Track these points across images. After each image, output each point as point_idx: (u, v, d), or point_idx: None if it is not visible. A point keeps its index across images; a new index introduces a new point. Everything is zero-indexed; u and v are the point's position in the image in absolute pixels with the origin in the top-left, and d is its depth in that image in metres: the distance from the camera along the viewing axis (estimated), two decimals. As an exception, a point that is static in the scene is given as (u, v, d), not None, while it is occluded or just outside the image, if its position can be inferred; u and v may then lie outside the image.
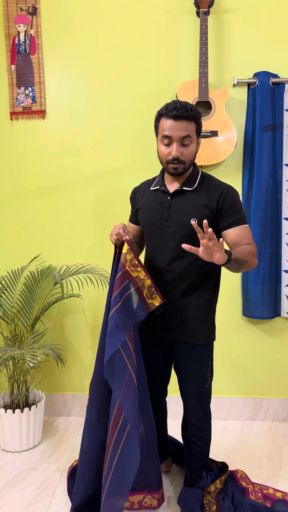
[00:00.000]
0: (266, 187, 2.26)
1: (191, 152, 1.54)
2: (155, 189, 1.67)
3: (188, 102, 1.52)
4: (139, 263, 1.51)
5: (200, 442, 1.70)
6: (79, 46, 2.36)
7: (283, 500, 1.75)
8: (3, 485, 1.90)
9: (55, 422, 2.47)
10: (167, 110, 1.50)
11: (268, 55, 2.30)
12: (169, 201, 1.60)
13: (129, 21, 2.33)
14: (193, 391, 1.67)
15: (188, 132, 1.50)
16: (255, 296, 2.32)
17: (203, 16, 2.18)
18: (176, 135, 1.49)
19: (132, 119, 2.37)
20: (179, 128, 1.48)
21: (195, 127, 1.53)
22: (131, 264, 1.50)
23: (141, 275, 1.51)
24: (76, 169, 2.43)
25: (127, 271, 1.50)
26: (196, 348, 1.64)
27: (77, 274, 2.24)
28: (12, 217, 2.47)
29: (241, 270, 1.49)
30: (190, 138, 1.51)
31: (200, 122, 1.56)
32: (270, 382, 2.47)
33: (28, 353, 1.92)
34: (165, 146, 1.53)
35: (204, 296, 1.62)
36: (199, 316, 1.62)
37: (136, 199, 1.75)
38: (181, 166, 1.54)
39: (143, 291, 1.51)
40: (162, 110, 1.53)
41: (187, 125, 1.49)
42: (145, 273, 1.51)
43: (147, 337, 1.71)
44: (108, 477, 1.50)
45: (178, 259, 1.58)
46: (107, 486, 1.50)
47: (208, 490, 1.70)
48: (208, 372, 1.67)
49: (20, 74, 2.38)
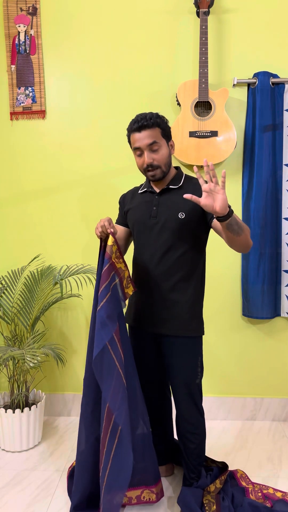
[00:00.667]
0: (266, 187, 2.26)
1: (162, 155, 1.62)
2: (143, 191, 1.76)
3: (149, 112, 1.62)
4: (121, 255, 1.59)
5: (195, 438, 1.71)
6: (79, 46, 2.37)
7: (283, 500, 1.75)
8: (3, 485, 1.90)
9: (55, 422, 2.47)
10: (130, 125, 1.62)
11: (268, 55, 2.30)
12: (157, 200, 1.68)
13: (129, 21, 2.33)
14: (184, 386, 1.68)
15: (153, 139, 1.59)
16: (255, 296, 2.32)
17: (203, 16, 2.18)
18: (143, 144, 1.59)
19: (132, 119, 2.37)
20: (144, 137, 1.58)
21: (160, 131, 1.61)
22: (115, 256, 1.56)
23: (122, 266, 1.59)
24: (76, 169, 2.43)
25: (113, 262, 1.56)
26: (186, 342, 1.66)
27: (77, 274, 2.24)
28: (12, 217, 2.47)
29: (240, 239, 1.49)
30: (157, 143, 1.59)
31: (165, 125, 1.64)
32: (270, 382, 2.47)
33: (28, 353, 1.92)
34: (139, 157, 1.64)
35: (192, 289, 1.66)
36: (188, 309, 1.65)
37: (124, 202, 1.83)
38: (157, 171, 1.63)
39: (123, 281, 1.60)
40: (128, 127, 1.64)
41: (150, 132, 1.58)
42: (125, 265, 1.60)
43: (139, 334, 1.74)
44: (106, 472, 1.51)
45: (167, 254, 1.64)
46: (105, 481, 1.51)
47: (208, 490, 1.70)
48: (198, 367, 1.69)
49: (20, 74, 2.39)
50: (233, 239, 1.49)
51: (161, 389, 1.87)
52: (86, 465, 1.65)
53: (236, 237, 1.48)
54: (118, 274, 1.58)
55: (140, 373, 1.72)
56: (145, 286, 1.68)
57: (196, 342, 1.69)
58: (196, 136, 2.21)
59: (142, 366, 1.75)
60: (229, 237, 1.49)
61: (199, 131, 2.22)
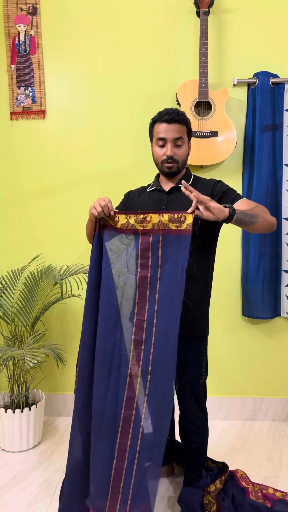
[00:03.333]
0: (266, 187, 2.26)
1: (183, 152, 1.64)
2: (151, 190, 1.74)
3: (177, 109, 1.63)
4: (141, 212, 1.46)
5: (197, 438, 1.71)
6: (79, 46, 2.36)
7: (283, 500, 1.75)
8: (3, 485, 1.90)
9: (55, 422, 2.47)
10: (160, 115, 1.62)
11: (268, 55, 2.30)
12: (165, 198, 1.67)
13: (129, 21, 2.33)
14: (187, 386, 1.68)
15: (180, 134, 1.61)
16: (255, 296, 2.32)
17: (203, 16, 2.18)
18: (170, 136, 1.60)
19: (132, 119, 2.38)
20: (172, 130, 1.60)
21: (186, 130, 1.64)
22: (140, 222, 1.45)
23: (153, 217, 1.45)
24: (76, 169, 2.43)
25: (153, 228, 1.44)
26: (191, 341, 1.65)
27: (77, 274, 2.24)
28: (12, 217, 2.47)
29: (258, 225, 1.47)
30: (182, 139, 1.62)
31: (190, 127, 1.67)
32: (270, 382, 2.47)
33: (28, 353, 1.92)
34: (160, 148, 1.63)
35: (199, 289, 1.65)
36: (195, 308, 1.64)
37: (129, 198, 1.81)
38: (175, 165, 1.63)
39: (166, 223, 1.45)
40: (156, 117, 1.65)
41: (179, 127, 1.61)
42: (137, 212, 1.47)
43: None
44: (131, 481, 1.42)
45: None
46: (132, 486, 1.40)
47: (208, 490, 1.70)
48: (202, 368, 1.69)
49: (20, 74, 2.38)
50: (252, 228, 1.49)
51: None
52: (76, 458, 1.56)
53: (253, 226, 1.47)
54: (157, 230, 1.45)
55: None
56: None
57: (201, 342, 1.69)
58: (196, 136, 2.21)
59: None
60: (247, 229, 1.49)
61: (199, 131, 2.22)
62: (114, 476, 1.46)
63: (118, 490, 1.45)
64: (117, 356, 1.50)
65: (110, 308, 1.52)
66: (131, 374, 1.48)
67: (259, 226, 1.49)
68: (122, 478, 1.45)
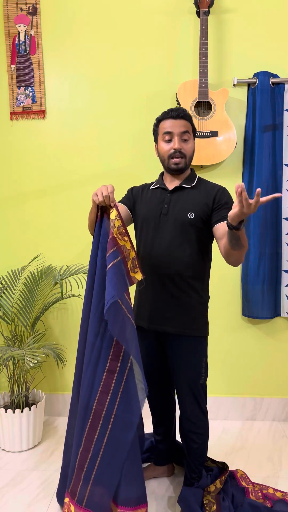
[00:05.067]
0: (266, 187, 2.26)
1: (190, 148, 1.66)
2: (155, 187, 1.74)
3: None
4: (126, 232, 1.47)
5: (198, 438, 1.71)
6: (79, 46, 2.36)
7: (283, 500, 1.75)
8: (3, 485, 1.90)
9: (55, 422, 2.47)
10: (165, 113, 1.64)
11: (268, 55, 2.30)
12: (169, 197, 1.67)
13: (129, 21, 2.33)
14: (187, 386, 1.68)
15: (187, 128, 1.63)
16: (255, 296, 2.32)
17: (203, 16, 2.18)
18: (177, 130, 1.61)
19: (132, 119, 2.38)
20: (178, 125, 1.61)
21: (191, 127, 1.66)
22: (118, 231, 1.44)
23: (127, 245, 1.47)
24: (76, 169, 2.43)
25: (115, 237, 1.43)
26: (191, 341, 1.66)
27: (77, 274, 2.24)
28: (12, 217, 2.47)
29: (239, 248, 1.44)
30: (188, 134, 1.63)
31: (194, 126, 1.69)
32: (270, 382, 2.47)
33: (28, 353, 1.92)
34: (166, 143, 1.64)
35: (198, 289, 1.66)
36: (194, 308, 1.65)
37: (133, 194, 1.80)
38: (182, 161, 1.63)
39: (127, 262, 1.47)
40: (161, 116, 1.66)
41: (185, 123, 1.63)
42: (131, 244, 1.48)
43: (143, 333, 1.72)
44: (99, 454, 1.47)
45: (174, 253, 1.62)
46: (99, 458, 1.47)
47: (208, 490, 1.70)
48: (202, 368, 1.68)
49: (20, 74, 2.38)
50: (239, 252, 1.45)
51: (165, 388, 1.86)
52: (71, 444, 1.62)
53: (235, 250, 1.44)
54: (121, 252, 1.44)
55: (145, 373, 1.71)
56: (150, 284, 1.67)
57: (201, 342, 1.68)
58: (196, 136, 2.20)
59: (146, 365, 1.72)
60: (229, 247, 1.45)
61: (199, 131, 2.22)
62: (79, 462, 1.53)
63: (80, 474, 1.52)
64: (97, 350, 1.51)
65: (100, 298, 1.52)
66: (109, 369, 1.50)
67: (236, 255, 1.47)
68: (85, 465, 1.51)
